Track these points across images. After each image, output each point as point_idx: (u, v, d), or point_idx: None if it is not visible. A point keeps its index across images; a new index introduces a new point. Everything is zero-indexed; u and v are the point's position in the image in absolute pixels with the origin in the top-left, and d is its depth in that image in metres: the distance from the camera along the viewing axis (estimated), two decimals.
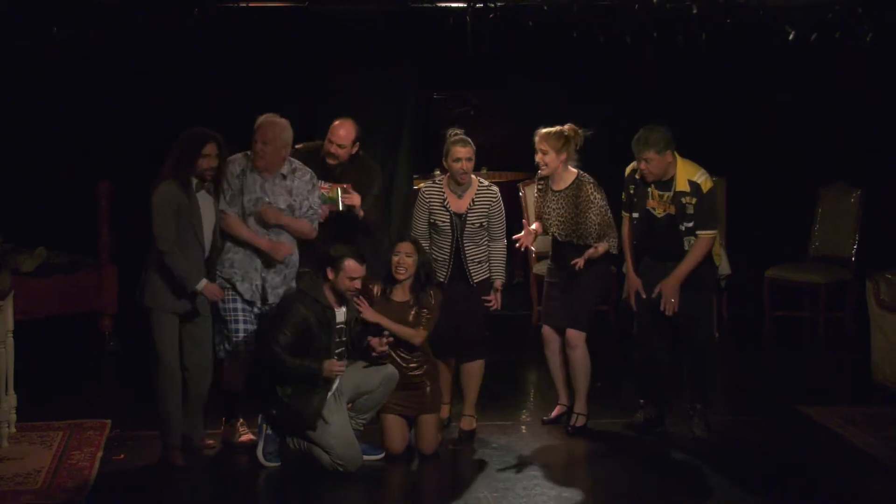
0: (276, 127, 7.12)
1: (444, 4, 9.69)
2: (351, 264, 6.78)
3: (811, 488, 6.68)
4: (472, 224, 7.36)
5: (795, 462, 7.06)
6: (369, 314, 6.97)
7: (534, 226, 7.56)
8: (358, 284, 6.82)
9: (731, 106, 10.73)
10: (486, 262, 7.43)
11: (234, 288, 7.14)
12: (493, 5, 9.43)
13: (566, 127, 7.39)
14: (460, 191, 7.37)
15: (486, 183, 7.48)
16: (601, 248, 7.33)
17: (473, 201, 7.37)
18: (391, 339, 6.93)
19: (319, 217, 7.27)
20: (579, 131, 7.41)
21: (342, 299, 6.87)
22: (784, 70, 10.58)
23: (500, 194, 7.47)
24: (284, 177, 7.18)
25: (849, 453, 7.17)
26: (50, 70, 10.10)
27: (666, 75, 10.66)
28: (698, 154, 7.36)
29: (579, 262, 7.29)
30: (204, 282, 6.82)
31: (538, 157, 7.40)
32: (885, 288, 8.24)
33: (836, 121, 10.60)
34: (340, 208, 7.35)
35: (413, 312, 7.03)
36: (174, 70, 10.15)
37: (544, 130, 7.38)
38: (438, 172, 7.40)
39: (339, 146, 7.40)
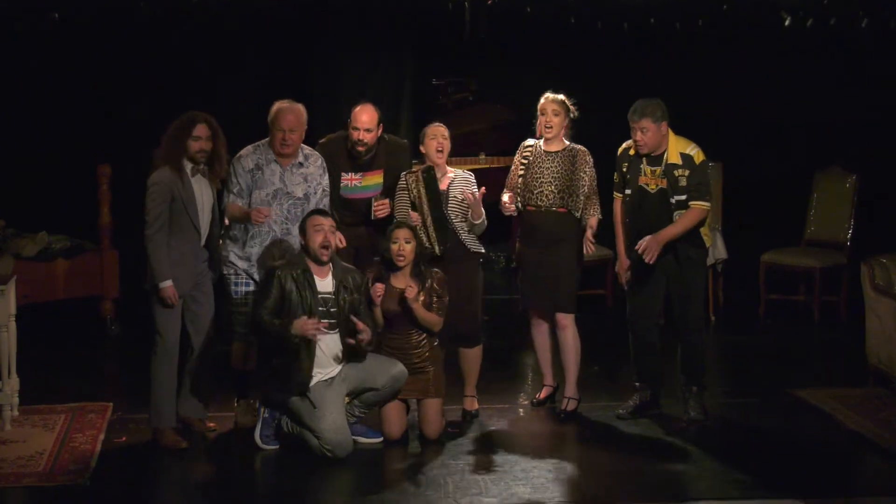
0: (299, 112, 7.11)
1: None
2: (312, 218, 6.84)
3: (805, 470, 6.71)
4: (455, 198, 7.32)
5: (790, 444, 7.10)
6: (411, 295, 6.88)
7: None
8: (328, 239, 6.78)
9: (727, 91, 10.76)
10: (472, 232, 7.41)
11: (251, 279, 7.18)
12: None
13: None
14: (439, 174, 7.34)
15: (459, 170, 7.46)
16: (593, 222, 7.32)
17: (452, 181, 7.35)
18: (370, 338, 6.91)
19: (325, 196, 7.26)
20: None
21: (326, 269, 6.87)
22: (780, 55, 10.62)
23: (475, 179, 7.45)
24: (301, 164, 7.20)
25: (843, 435, 7.20)
26: (50, 55, 10.12)
27: (663, 61, 10.70)
28: (695, 139, 7.37)
29: (590, 245, 7.30)
30: (169, 283, 6.79)
31: (547, 119, 7.37)
32: (880, 272, 8.24)
33: (832, 106, 10.62)
34: (372, 217, 7.37)
35: (423, 298, 6.99)
36: (173, 53, 10.18)
37: (553, 95, 7.40)
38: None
39: (367, 130, 7.29)
